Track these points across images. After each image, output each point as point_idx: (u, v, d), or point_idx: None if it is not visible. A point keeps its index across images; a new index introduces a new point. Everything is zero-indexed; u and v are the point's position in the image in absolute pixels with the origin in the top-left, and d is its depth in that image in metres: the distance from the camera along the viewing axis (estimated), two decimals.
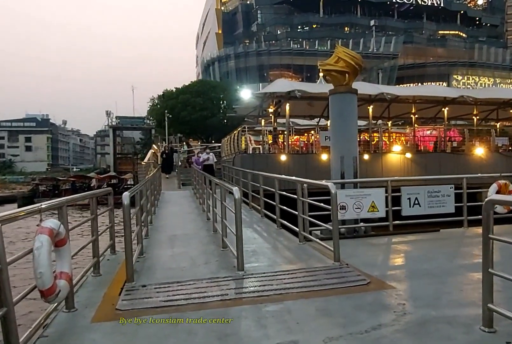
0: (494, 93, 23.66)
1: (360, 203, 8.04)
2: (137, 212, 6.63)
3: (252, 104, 23.74)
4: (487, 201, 3.47)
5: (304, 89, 19.01)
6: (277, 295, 4.61)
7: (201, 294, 4.66)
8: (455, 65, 72.48)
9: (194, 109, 42.51)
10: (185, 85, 48.46)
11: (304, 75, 66.42)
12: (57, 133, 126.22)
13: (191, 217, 11.30)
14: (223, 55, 70.81)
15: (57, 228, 3.58)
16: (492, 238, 3.45)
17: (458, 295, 4.58)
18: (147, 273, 5.71)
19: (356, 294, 4.62)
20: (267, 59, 68.14)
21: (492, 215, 3.52)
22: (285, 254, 6.72)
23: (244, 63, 68.86)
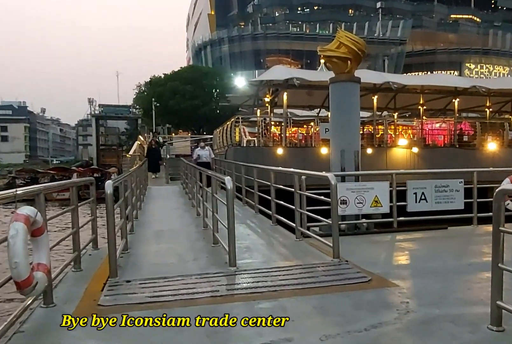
0: (509, 84, 23.75)
1: (362, 197, 8.09)
2: (121, 204, 6.67)
3: (247, 93, 23.77)
4: (498, 191, 3.50)
5: (303, 77, 19.05)
6: (271, 292, 4.66)
7: (189, 290, 4.70)
8: (467, 52, 72.37)
9: (184, 98, 42.47)
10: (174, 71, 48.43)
11: (303, 62, 66.42)
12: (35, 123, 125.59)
13: (179, 213, 11.35)
14: (216, 38, 70.57)
15: (33, 216, 3.59)
16: (503, 230, 3.47)
17: (465, 293, 4.64)
18: (131, 268, 5.75)
19: (356, 292, 4.68)
20: (264, 44, 67.98)
21: (504, 206, 3.56)
22: (280, 251, 6.78)
23: (238, 47, 68.67)
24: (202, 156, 16.28)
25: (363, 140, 19.84)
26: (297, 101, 22.81)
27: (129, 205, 7.96)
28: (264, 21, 74.00)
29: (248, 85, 23.80)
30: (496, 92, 22.43)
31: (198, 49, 73.93)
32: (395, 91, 21.58)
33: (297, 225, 7.55)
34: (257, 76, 40.06)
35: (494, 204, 3.53)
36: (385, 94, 22.05)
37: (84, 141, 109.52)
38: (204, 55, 72.17)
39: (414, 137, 22.33)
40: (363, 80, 10.28)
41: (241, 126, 20.63)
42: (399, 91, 21.65)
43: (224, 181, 5.69)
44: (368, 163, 15.83)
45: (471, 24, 79.63)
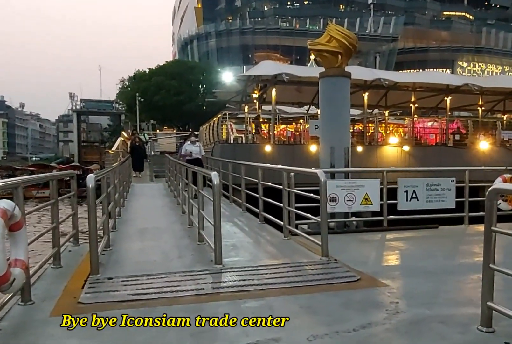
0: (502, 82, 23.93)
1: (352, 195, 8.11)
2: (104, 200, 6.62)
3: (235, 89, 23.72)
4: (490, 190, 3.51)
5: (292, 73, 19.05)
6: (258, 291, 4.65)
7: (173, 288, 4.68)
8: (460, 50, 73.03)
9: (169, 93, 42.35)
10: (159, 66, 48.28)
11: (293, 58, 66.47)
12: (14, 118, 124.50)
13: (164, 210, 11.33)
14: (203, 32, 70.41)
15: (11, 210, 3.54)
16: (495, 230, 3.48)
17: (456, 294, 4.68)
18: (113, 266, 5.72)
19: (345, 291, 4.68)
20: (252, 39, 68.00)
21: (496, 205, 3.57)
22: (268, 249, 6.79)
23: (226, 42, 68.59)
24: (192, 152, 13.94)
25: (353, 138, 19.94)
26: (286, 97, 22.83)
27: (112, 201, 7.92)
28: (253, 15, 74.00)
29: (235, 81, 23.75)
30: (489, 90, 22.63)
31: (184, 44, 73.71)
32: (386, 89, 21.69)
33: (285, 223, 7.55)
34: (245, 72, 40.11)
35: (487, 203, 3.54)
36: (376, 91, 22.15)
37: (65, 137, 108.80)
38: (190, 50, 71.98)
39: (405, 135, 22.46)
40: (354, 76, 10.28)
41: (228, 123, 20.60)
42: (391, 89, 21.76)
43: (211, 176, 5.67)
44: (358, 161, 15.93)
45: (464, 21, 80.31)
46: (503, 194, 6.80)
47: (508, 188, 4.19)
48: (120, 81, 56.47)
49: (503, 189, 4.03)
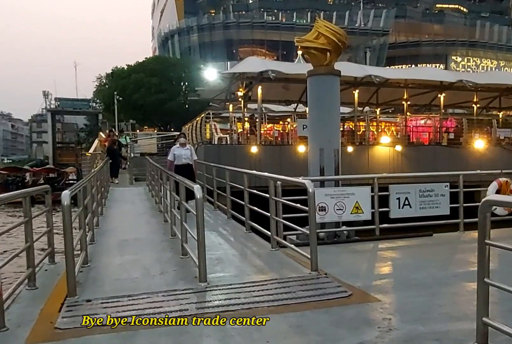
0: (497, 78, 24.15)
1: (342, 203, 8.16)
2: (80, 214, 6.58)
3: (218, 87, 23.72)
4: (483, 202, 3.52)
5: (279, 70, 19.07)
6: (245, 310, 4.66)
7: (156, 309, 4.68)
8: (453, 44, 73.45)
9: (149, 91, 42.16)
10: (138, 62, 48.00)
11: (279, 53, 66.47)
12: None
13: (145, 219, 11.29)
14: (184, 27, 70.11)
15: None
16: (489, 243, 3.50)
17: (451, 307, 4.72)
18: (92, 285, 5.69)
19: (336, 308, 4.72)
20: (236, 33, 67.85)
21: (489, 217, 3.58)
22: (255, 262, 6.79)
23: (209, 37, 68.40)
24: (181, 157, 12.29)
25: (343, 138, 19.97)
26: (272, 95, 22.86)
27: (89, 213, 7.88)
28: (237, 8, 73.84)
29: (219, 78, 23.78)
30: (484, 87, 22.81)
31: (165, 39, 73.36)
32: (377, 86, 21.77)
33: (272, 234, 7.56)
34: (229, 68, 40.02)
35: (480, 215, 3.54)
36: (366, 88, 22.22)
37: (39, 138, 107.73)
38: (171, 45, 71.66)
39: (397, 134, 22.57)
40: (343, 73, 10.34)
41: (212, 122, 20.59)
42: (382, 86, 21.85)
43: (193, 189, 5.67)
44: (349, 162, 15.99)
45: (457, 14, 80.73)
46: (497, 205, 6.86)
47: (501, 199, 4.18)
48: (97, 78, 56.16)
49: (496, 201, 4.03)
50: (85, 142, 63.70)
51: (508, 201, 3.87)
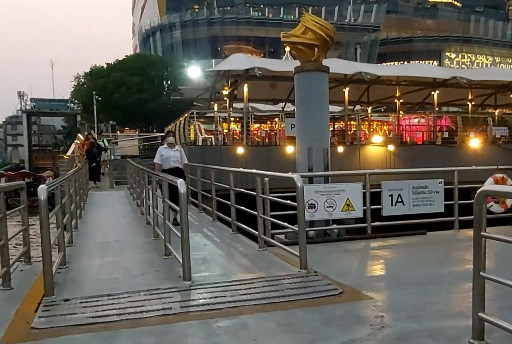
0: (493, 75, 24.39)
1: (333, 200, 8.20)
2: (58, 212, 6.57)
3: (203, 85, 23.77)
4: (479, 193, 3.54)
5: (266, 67, 19.12)
6: (231, 308, 4.68)
7: (137, 308, 4.68)
8: (447, 40, 73.98)
9: (130, 91, 41.98)
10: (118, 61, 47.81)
11: (266, 50, 66.65)
12: None
13: (126, 221, 11.29)
14: (166, 23, 70.05)
15: None
16: (485, 235, 3.52)
17: (445, 305, 4.77)
18: (70, 285, 5.68)
19: (326, 306, 4.74)
20: (221, 30, 67.92)
21: (485, 209, 3.61)
22: (241, 262, 6.81)
23: (192, 34, 68.41)
24: (169, 159, 10.86)
25: (333, 137, 20.13)
26: (259, 94, 22.90)
27: (67, 213, 7.86)
28: (222, 4, 73.76)
29: (203, 76, 23.79)
30: (479, 84, 23.02)
31: (146, 36, 73.25)
32: (368, 83, 21.91)
33: (260, 233, 7.58)
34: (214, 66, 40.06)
35: (475, 207, 3.57)
36: (357, 86, 22.37)
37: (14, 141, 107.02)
38: (153, 42, 71.57)
39: (390, 134, 22.72)
40: (333, 70, 10.39)
41: (196, 123, 20.59)
42: (373, 83, 21.99)
43: (177, 184, 5.68)
44: (339, 163, 16.05)
45: (451, 9, 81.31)
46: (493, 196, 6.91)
47: (497, 189, 4.18)
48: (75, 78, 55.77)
49: (493, 191, 4.05)
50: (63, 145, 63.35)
51: (505, 190, 3.88)
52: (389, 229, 8.88)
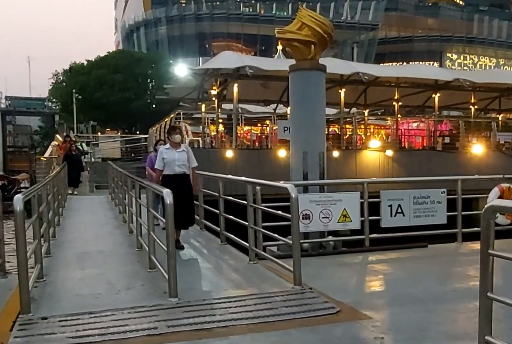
0: (497, 77, 24.45)
1: (328, 211, 8.18)
2: (35, 222, 6.50)
3: (190, 84, 23.69)
4: (487, 208, 3.48)
5: (257, 66, 19.10)
6: (221, 328, 4.63)
7: (121, 328, 4.63)
8: (449, 40, 74.36)
9: (112, 89, 41.93)
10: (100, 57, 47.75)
11: (257, 48, 66.77)
12: None
13: (108, 229, 11.22)
14: (151, 18, 69.94)
15: None
16: (493, 254, 3.45)
17: (449, 325, 4.76)
18: (48, 301, 5.62)
19: (323, 326, 4.71)
20: (210, 26, 67.92)
21: (493, 225, 3.57)
22: (231, 276, 6.78)
23: (179, 30, 68.34)
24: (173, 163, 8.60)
25: (328, 141, 20.08)
26: (250, 94, 22.90)
27: (45, 222, 7.79)
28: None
29: (190, 75, 23.71)
30: (482, 86, 23.12)
31: (130, 31, 73.12)
32: (365, 84, 21.96)
33: (251, 245, 7.54)
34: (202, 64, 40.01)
35: (483, 223, 3.49)
36: (354, 87, 22.41)
37: None
38: (136, 38, 71.47)
39: (388, 138, 22.78)
40: (329, 70, 10.36)
41: (182, 124, 20.55)
42: (371, 84, 22.04)
43: (162, 194, 5.63)
44: (335, 168, 16.06)
45: (453, 7, 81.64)
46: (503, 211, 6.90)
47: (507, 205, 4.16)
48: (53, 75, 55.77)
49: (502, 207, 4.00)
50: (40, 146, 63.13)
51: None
52: (388, 242, 8.88)
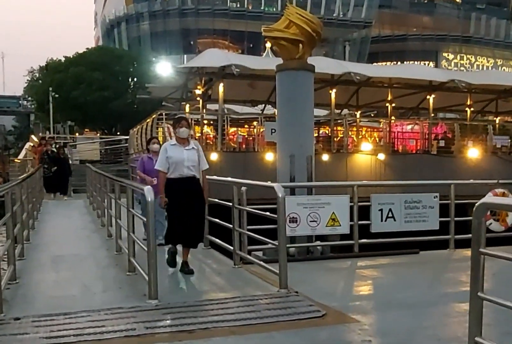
0: (494, 79, 24.51)
1: (317, 214, 8.23)
2: (8, 221, 6.53)
3: (173, 83, 23.67)
4: (479, 205, 3.55)
5: (244, 65, 19.12)
6: (202, 330, 4.70)
7: (97, 329, 4.68)
8: (445, 39, 74.61)
9: (91, 88, 41.81)
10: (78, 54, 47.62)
11: (245, 46, 66.66)
12: None
13: (85, 233, 11.26)
14: (133, 13, 69.66)
15: None
16: (484, 252, 3.52)
17: (438, 329, 4.86)
18: (21, 302, 5.67)
19: (307, 329, 4.79)
20: (195, 22, 67.74)
21: (485, 223, 3.66)
22: (214, 280, 6.87)
23: (162, 25, 68.13)
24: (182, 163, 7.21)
25: (318, 144, 20.17)
26: (236, 94, 22.91)
27: (19, 223, 7.81)
28: None
29: (174, 74, 23.72)
30: (479, 88, 23.21)
31: (110, 26, 72.83)
32: (357, 85, 21.98)
33: (235, 248, 7.61)
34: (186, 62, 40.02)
35: (474, 220, 3.56)
36: (345, 87, 22.45)
37: None
38: (117, 34, 71.19)
39: (380, 141, 22.84)
40: (319, 70, 10.45)
41: (165, 125, 20.51)
42: (363, 85, 22.09)
43: (144, 191, 5.69)
44: (324, 172, 16.09)
45: (450, 5, 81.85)
46: (494, 210, 6.99)
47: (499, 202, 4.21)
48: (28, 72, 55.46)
49: (494, 204, 4.05)
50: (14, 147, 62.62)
51: (507, 203, 3.91)
52: (378, 247, 8.94)
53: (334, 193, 9.49)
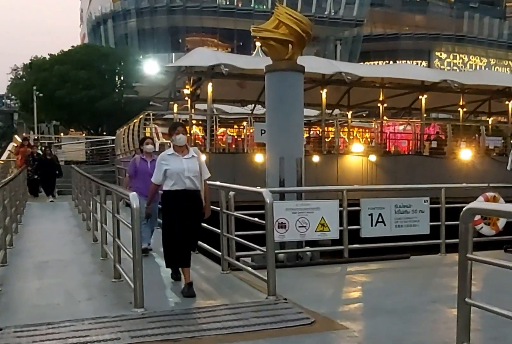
0: (487, 79, 24.70)
1: (306, 219, 8.24)
2: None
3: (161, 83, 23.68)
4: (465, 210, 3.64)
5: (233, 64, 19.16)
6: (188, 339, 4.71)
7: (81, 338, 4.68)
8: (438, 38, 74.73)
9: (77, 87, 41.67)
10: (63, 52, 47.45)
11: (234, 44, 66.52)
12: None
13: (70, 238, 11.23)
14: (120, 10, 69.35)
15: None
16: (471, 258, 3.61)
17: (428, 335, 4.91)
18: (3, 312, 5.67)
19: (295, 337, 4.81)
20: (183, 19, 67.51)
21: (472, 228, 3.70)
22: (201, 287, 6.84)
23: (150, 23, 67.86)
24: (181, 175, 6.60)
25: (309, 145, 20.25)
26: (225, 94, 22.93)
27: (1, 228, 7.80)
28: None
29: (162, 73, 23.72)
30: (472, 88, 23.35)
31: (96, 24, 72.49)
32: (349, 85, 22.05)
33: (223, 254, 7.63)
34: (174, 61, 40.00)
35: (461, 226, 3.66)
36: (336, 87, 22.51)
37: None
38: (104, 32, 70.89)
39: (372, 142, 22.92)
40: (309, 69, 10.47)
41: (152, 125, 20.49)
42: (354, 85, 22.16)
43: (129, 197, 5.70)
44: (315, 174, 16.18)
45: (442, 4, 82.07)
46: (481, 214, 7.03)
47: (485, 207, 4.26)
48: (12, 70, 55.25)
49: (480, 209, 4.10)
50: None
51: (493, 208, 3.94)
52: (368, 252, 9.00)
53: (324, 196, 9.51)
